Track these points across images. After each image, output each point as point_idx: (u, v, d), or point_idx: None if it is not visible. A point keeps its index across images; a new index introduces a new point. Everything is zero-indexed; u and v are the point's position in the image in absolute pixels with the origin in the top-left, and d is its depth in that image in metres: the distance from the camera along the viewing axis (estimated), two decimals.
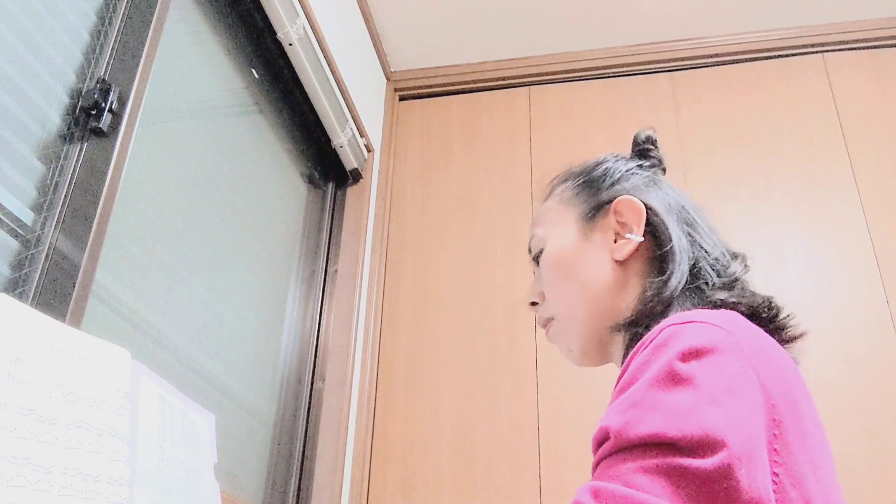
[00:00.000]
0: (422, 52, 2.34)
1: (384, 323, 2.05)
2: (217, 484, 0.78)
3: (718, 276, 0.68)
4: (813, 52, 2.17)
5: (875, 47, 2.14)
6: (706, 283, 0.67)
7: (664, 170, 0.83)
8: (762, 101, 2.13)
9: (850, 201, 1.95)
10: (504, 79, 2.33)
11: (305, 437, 1.76)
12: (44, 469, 0.54)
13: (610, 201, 0.74)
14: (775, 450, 0.51)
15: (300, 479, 1.70)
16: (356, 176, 2.09)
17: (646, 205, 0.72)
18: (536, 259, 0.80)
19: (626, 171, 0.78)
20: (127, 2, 1.14)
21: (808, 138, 2.06)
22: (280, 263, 1.77)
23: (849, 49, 2.15)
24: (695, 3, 2.13)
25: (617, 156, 0.82)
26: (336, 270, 1.98)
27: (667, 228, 0.70)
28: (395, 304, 2.08)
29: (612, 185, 0.76)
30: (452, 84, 2.36)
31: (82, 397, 0.60)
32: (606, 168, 0.79)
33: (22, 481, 0.51)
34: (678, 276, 0.67)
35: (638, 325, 0.68)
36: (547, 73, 2.30)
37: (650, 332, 0.58)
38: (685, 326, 0.55)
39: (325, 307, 1.93)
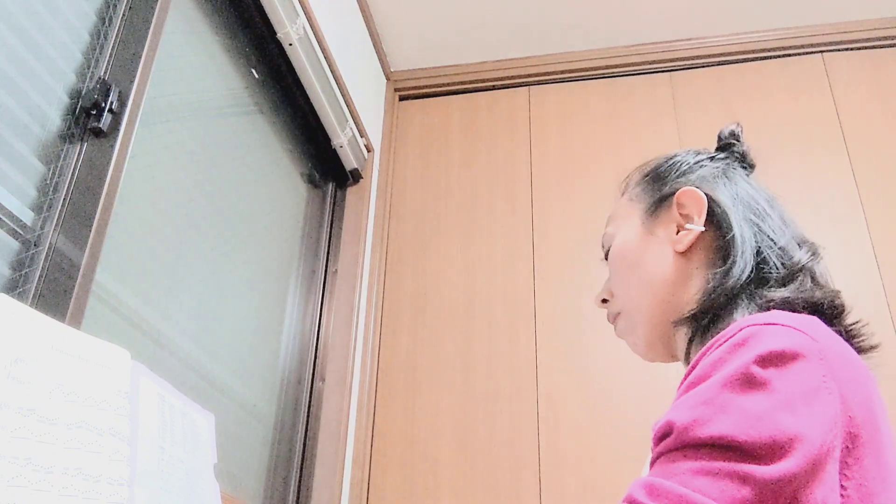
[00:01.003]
0: (422, 52, 2.34)
1: (384, 323, 2.05)
2: (217, 484, 0.78)
3: (783, 265, 0.66)
4: (812, 53, 2.17)
5: (875, 47, 2.14)
6: (770, 274, 0.65)
7: (751, 165, 0.81)
8: (761, 101, 2.13)
9: (850, 201, 1.95)
10: (504, 79, 2.33)
11: (305, 437, 1.76)
12: (44, 469, 0.54)
13: (673, 193, 0.73)
14: (847, 463, 0.49)
15: (300, 479, 1.70)
16: (356, 176, 2.09)
17: (708, 195, 0.71)
18: (607, 256, 0.80)
19: (694, 163, 0.77)
20: (127, 2, 1.14)
21: (807, 138, 2.06)
22: (280, 263, 1.77)
23: (848, 49, 2.15)
24: (694, 3, 2.13)
25: (690, 150, 0.80)
26: (336, 270, 1.98)
27: (728, 218, 0.68)
28: (395, 304, 2.08)
29: (678, 177, 0.75)
30: (452, 84, 2.36)
31: (82, 397, 0.60)
32: (674, 162, 0.78)
33: (22, 481, 0.51)
34: (741, 265, 0.65)
35: (702, 319, 0.66)
36: (547, 73, 2.30)
37: (728, 329, 0.56)
38: (766, 328, 0.53)
39: (325, 307, 1.93)
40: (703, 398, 0.50)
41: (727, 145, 0.81)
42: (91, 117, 1.01)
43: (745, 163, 0.80)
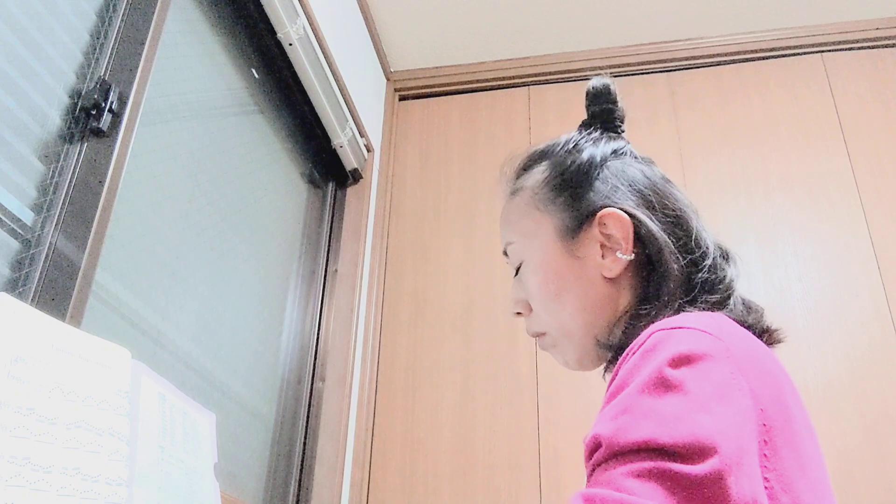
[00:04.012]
0: (422, 52, 2.34)
1: (384, 323, 2.05)
2: (217, 484, 0.78)
3: (714, 286, 0.66)
4: (812, 53, 2.17)
5: (874, 47, 2.14)
6: (699, 298, 0.65)
7: (623, 122, 0.78)
8: (761, 102, 2.13)
9: (850, 201, 1.95)
10: (504, 79, 2.33)
11: (305, 437, 1.76)
12: (43, 469, 0.54)
13: (593, 212, 0.70)
14: (765, 455, 0.51)
15: (300, 479, 1.70)
16: (356, 176, 2.09)
17: (631, 216, 0.68)
18: (517, 269, 0.76)
19: (601, 161, 0.72)
20: (127, 2, 1.14)
21: (807, 138, 2.06)
22: (280, 263, 1.77)
23: (848, 49, 2.15)
24: (693, 3, 2.13)
25: (588, 138, 0.76)
26: (336, 270, 1.98)
27: (658, 245, 0.66)
28: (395, 304, 2.08)
29: (590, 187, 0.71)
30: (452, 84, 2.36)
31: (82, 397, 0.60)
32: (580, 163, 0.73)
33: (21, 481, 0.51)
34: (674, 299, 0.65)
35: (627, 345, 0.66)
36: (546, 73, 2.30)
37: (639, 337, 0.57)
38: (673, 332, 0.55)
39: (325, 307, 1.93)
40: (624, 407, 0.51)
41: (607, 112, 0.77)
42: (91, 117, 1.01)
43: (622, 122, 0.78)
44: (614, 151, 0.74)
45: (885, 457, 1.67)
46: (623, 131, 0.79)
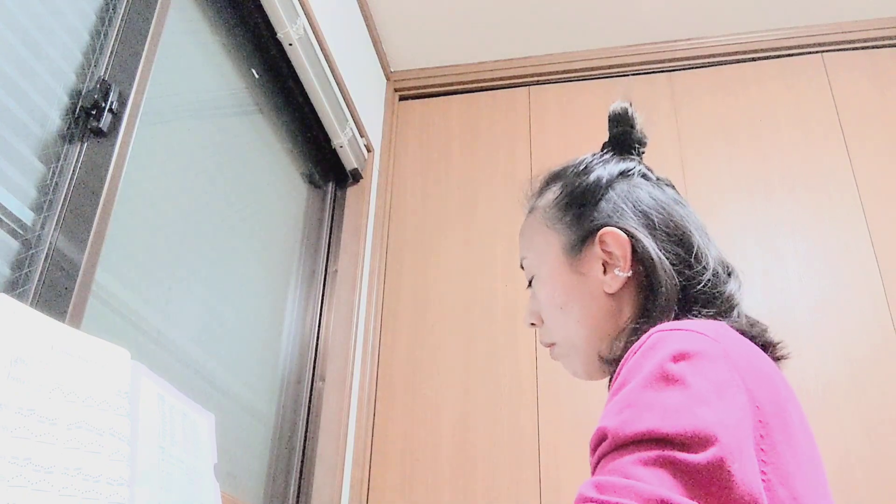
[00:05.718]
0: (422, 52, 2.34)
1: (384, 323, 2.05)
2: (217, 484, 0.78)
3: (712, 300, 0.68)
4: (812, 52, 2.17)
5: (874, 47, 2.14)
6: (693, 312, 0.68)
7: (643, 144, 0.81)
8: (761, 102, 2.13)
9: (850, 201, 1.95)
10: (504, 79, 2.33)
11: (305, 437, 1.76)
12: (44, 469, 0.54)
13: (594, 231, 0.73)
14: (762, 450, 0.53)
15: (300, 479, 1.70)
16: (356, 176, 2.09)
17: (629, 234, 0.71)
18: (530, 282, 0.81)
19: (607, 183, 0.76)
20: (127, 2, 1.14)
21: (807, 138, 2.06)
22: (280, 263, 1.77)
23: (848, 49, 2.15)
24: (693, 3, 2.13)
25: (599, 160, 0.80)
26: (336, 270, 1.98)
27: (654, 267, 0.69)
28: (395, 304, 2.08)
29: (594, 207, 0.75)
30: (452, 84, 2.36)
31: (82, 397, 0.60)
32: (587, 185, 0.77)
33: (22, 481, 0.51)
34: (668, 313, 0.68)
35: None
36: (547, 73, 2.30)
37: (640, 339, 0.60)
38: (672, 332, 0.58)
39: (325, 307, 1.93)
40: (628, 401, 0.53)
41: (622, 137, 0.81)
42: (91, 117, 1.01)
43: (642, 145, 0.81)
44: (622, 173, 0.77)
45: (885, 457, 1.67)
46: (642, 153, 0.82)
